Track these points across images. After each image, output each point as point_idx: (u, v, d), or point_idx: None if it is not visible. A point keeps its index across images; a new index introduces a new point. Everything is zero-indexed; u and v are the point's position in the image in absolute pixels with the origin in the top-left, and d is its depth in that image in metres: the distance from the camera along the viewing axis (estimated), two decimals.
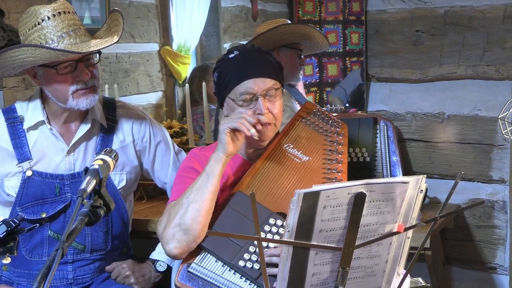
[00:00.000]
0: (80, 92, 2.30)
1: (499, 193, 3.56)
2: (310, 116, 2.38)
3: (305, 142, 2.32)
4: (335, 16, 4.22)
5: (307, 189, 1.55)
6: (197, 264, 2.07)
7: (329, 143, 2.33)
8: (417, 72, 3.73)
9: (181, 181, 2.24)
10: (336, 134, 2.35)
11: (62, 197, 2.38)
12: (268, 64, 2.24)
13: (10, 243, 1.69)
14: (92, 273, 2.46)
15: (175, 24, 4.11)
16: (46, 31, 2.24)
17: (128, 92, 3.64)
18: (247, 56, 2.25)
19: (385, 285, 1.76)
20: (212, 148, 2.32)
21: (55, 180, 2.38)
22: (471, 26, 3.57)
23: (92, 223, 1.71)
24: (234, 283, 2.04)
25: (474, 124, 3.59)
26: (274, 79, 2.21)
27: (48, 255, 2.37)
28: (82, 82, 2.30)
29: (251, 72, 2.19)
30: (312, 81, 4.32)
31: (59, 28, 2.25)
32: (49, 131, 2.39)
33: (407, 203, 1.67)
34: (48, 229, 2.39)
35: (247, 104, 2.18)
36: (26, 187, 2.35)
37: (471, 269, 3.67)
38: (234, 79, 2.20)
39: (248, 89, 2.18)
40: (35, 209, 2.36)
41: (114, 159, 1.81)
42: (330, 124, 2.37)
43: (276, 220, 2.10)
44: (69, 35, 2.26)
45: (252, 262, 2.04)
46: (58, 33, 2.24)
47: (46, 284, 1.41)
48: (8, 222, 1.68)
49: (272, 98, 2.20)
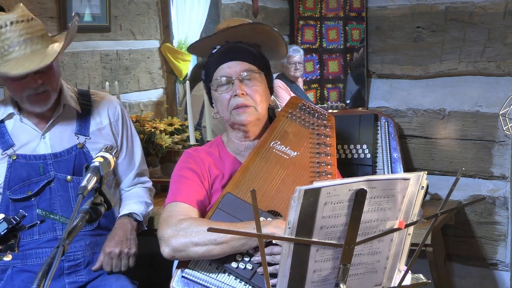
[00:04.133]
0: (33, 97, 2.42)
1: (500, 189, 3.56)
2: (296, 110, 2.36)
3: (292, 137, 2.30)
4: (336, 12, 4.22)
5: (307, 185, 1.55)
6: (191, 269, 2.07)
7: (316, 136, 2.31)
8: (418, 68, 3.73)
9: (178, 180, 2.25)
10: (323, 127, 2.32)
11: (46, 175, 2.48)
12: (246, 51, 2.28)
13: (11, 241, 1.70)
14: (83, 250, 2.52)
15: (176, 21, 4.11)
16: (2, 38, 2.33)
17: (129, 89, 3.64)
18: (227, 47, 2.31)
19: (386, 281, 1.76)
20: (205, 149, 2.32)
21: (38, 161, 2.48)
22: (472, 22, 3.57)
23: (93, 220, 1.72)
24: (228, 284, 2.04)
25: (475, 120, 3.59)
26: (250, 63, 2.24)
27: (38, 234, 2.46)
28: (32, 88, 2.39)
29: (227, 57, 2.26)
30: (313, 78, 4.32)
31: (15, 35, 2.32)
32: (19, 121, 2.51)
33: (408, 200, 1.67)
34: (37, 208, 2.47)
35: (225, 88, 2.23)
36: (12, 170, 2.45)
37: (472, 266, 3.67)
38: (213, 67, 2.27)
39: (224, 73, 2.24)
40: (22, 190, 2.46)
41: (114, 156, 1.81)
42: (316, 117, 2.34)
43: (266, 219, 2.09)
44: (20, 46, 2.33)
45: (245, 263, 2.04)
46: (11, 42, 2.32)
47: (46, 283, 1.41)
48: (9, 219, 1.68)
49: (249, 82, 2.23)
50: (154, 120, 3.35)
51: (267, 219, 2.09)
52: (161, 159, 3.29)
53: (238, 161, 2.29)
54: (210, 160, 2.28)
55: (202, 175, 2.25)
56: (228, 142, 2.35)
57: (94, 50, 3.40)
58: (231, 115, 2.25)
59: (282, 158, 2.26)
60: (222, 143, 2.36)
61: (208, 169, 2.26)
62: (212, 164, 2.27)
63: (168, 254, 2.09)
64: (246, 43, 2.34)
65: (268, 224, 1.99)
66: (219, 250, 2.02)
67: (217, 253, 2.03)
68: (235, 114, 2.23)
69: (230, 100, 2.23)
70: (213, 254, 2.03)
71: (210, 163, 2.27)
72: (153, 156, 3.24)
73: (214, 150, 2.33)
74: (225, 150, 2.33)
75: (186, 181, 2.22)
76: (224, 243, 2.01)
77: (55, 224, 2.48)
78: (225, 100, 2.24)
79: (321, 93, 4.30)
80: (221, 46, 2.32)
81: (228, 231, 1.82)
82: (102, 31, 3.44)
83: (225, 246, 2.01)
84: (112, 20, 3.48)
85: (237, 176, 2.20)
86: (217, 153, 2.32)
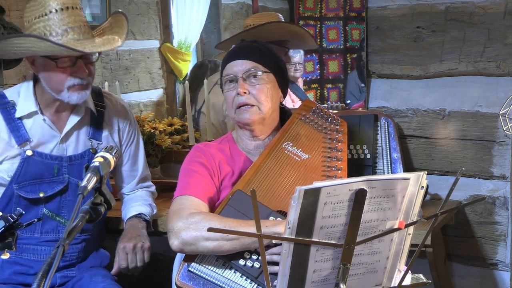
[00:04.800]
0: (75, 87, 2.37)
1: (500, 190, 3.56)
2: (309, 114, 2.38)
3: (305, 140, 2.32)
4: (336, 12, 4.22)
5: (307, 185, 1.55)
6: (198, 263, 2.06)
7: (328, 140, 2.33)
8: (418, 68, 3.73)
9: (188, 174, 2.24)
10: (336, 132, 2.35)
11: (60, 178, 2.46)
12: (255, 50, 2.28)
13: (8, 239, 1.70)
14: (78, 252, 2.54)
15: (176, 21, 4.11)
16: (51, 22, 2.29)
17: (129, 89, 3.64)
18: (239, 46, 2.33)
19: (386, 281, 1.76)
20: (215, 145, 2.32)
21: (54, 161, 2.45)
22: (472, 22, 3.57)
23: (93, 220, 1.72)
24: (234, 281, 2.04)
25: (475, 120, 3.59)
26: (256, 62, 2.24)
27: (40, 232, 2.46)
28: (79, 78, 2.36)
29: (235, 56, 2.27)
30: (313, 78, 4.31)
31: (65, 22, 2.29)
32: (43, 121, 2.45)
33: (408, 200, 1.67)
34: (44, 207, 2.46)
35: (230, 86, 2.24)
36: (26, 165, 2.41)
37: (472, 266, 3.67)
38: (222, 66, 2.30)
39: (229, 71, 2.25)
40: (33, 188, 2.43)
41: (114, 156, 1.81)
42: (329, 122, 2.37)
43: (276, 219, 2.09)
44: (74, 31, 2.30)
45: (253, 260, 2.04)
46: (63, 27, 2.29)
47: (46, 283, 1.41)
48: (6, 217, 1.68)
49: (253, 80, 2.23)
50: (154, 121, 3.34)
51: (277, 219, 2.09)
52: (161, 159, 3.29)
53: (249, 160, 2.29)
54: (221, 156, 2.28)
55: (213, 170, 2.24)
56: (238, 140, 2.35)
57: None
58: (235, 113, 2.25)
59: (294, 159, 2.27)
60: (232, 140, 2.35)
61: (218, 165, 2.26)
62: (223, 160, 2.27)
63: (177, 247, 2.08)
64: (261, 42, 2.34)
65: (280, 224, 1.99)
66: (229, 246, 2.02)
67: (227, 249, 2.02)
68: (238, 113, 2.24)
69: (234, 98, 2.24)
70: (223, 249, 2.02)
71: (221, 159, 2.27)
72: (153, 156, 3.24)
73: (225, 146, 2.33)
74: (236, 147, 2.33)
75: (196, 175, 2.21)
76: (235, 240, 2.01)
77: (60, 226, 2.48)
78: (230, 98, 2.25)
79: (321, 93, 4.29)
80: (236, 45, 2.34)
81: (228, 231, 1.82)
82: None
83: (236, 243, 2.01)
84: None
85: (248, 174, 2.20)
86: (228, 150, 2.31)
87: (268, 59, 2.29)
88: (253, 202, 1.52)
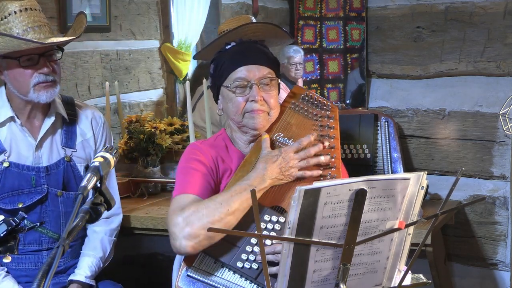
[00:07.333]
0: (41, 85, 2.37)
1: (500, 189, 3.56)
2: (299, 101, 2.31)
3: (295, 129, 2.26)
4: (336, 12, 4.22)
5: (307, 185, 1.55)
6: (196, 267, 2.05)
7: (319, 128, 2.27)
8: (418, 68, 3.73)
9: (186, 172, 2.21)
10: (327, 118, 2.27)
11: (39, 189, 2.44)
12: (264, 54, 2.25)
13: (10, 242, 1.69)
14: (65, 258, 2.52)
15: (176, 21, 4.11)
16: (11, 25, 2.31)
17: (129, 89, 3.64)
18: (243, 46, 2.27)
19: (386, 281, 1.76)
20: (211, 142, 2.30)
21: (31, 172, 2.44)
22: (472, 22, 3.57)
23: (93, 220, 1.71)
24: (234, 283, 2.03)
25: (475, 120, 3.59)
26: (269, 68, 2.22)
27: (23, 244, 2.43)
28: (43, 74, 2.36)
29: (246, 59, 2.21)
30: (313, 78, 4.32)
31: (25, 23, 2.32)
32: (19, 126, 2.45)
33: (408, 200, 1.67)
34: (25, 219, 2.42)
35: (241, 91, 2.19)
36: (4, 177, 2.41)
37: (472, 266, 3.67)
38: (230, 67, 2.21)
39: (243, 75, 2.19)
40: (11, 199, 2.42)
41: (114, 156, 1.81)
42: (320, 108, 2.29)
43: (271, 216, 2.08)
44: (34, 30, 2.33)
45: (250, 262, 2.03)
46: (23, 27, 2.32)
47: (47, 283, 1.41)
48: (8, 221, 1.68)
49: (267, 87, 2.20)
50: (154, 120, 3.34)
51: (271, 216, 2.08)
52: (161, 159, 3.28)
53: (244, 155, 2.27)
54: (217, 154, 2.25)
55: (210, 166, 2.21)
56: (235, 140, 2.31)
57: (94, 50, 3.40)
58: (243, 118, 2.21)
59: None
60: (228, 138, 2.32)
61: (215, 162, 2.23)
62: (220, 157, 2.25)
63: (187, 246, 2.02)
64: (258, 42, 2.32)
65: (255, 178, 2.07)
66: (235, 219, 2.03)
67: (234, 222, 2.03)
68: (249, 117, 2.19)
69: (246, 104, 2.20)
70: (231, 224, 2.03)
71: (218, 156, 2.24)
72: (153, 156, 3.23)
73: (220, 143, 2.30)
74: (231, 145, 2.30)
75: (194, 172, 2.19)
76: (236, 210, 2.02)
77: (42, 237, 2.46)
78: (239, 103, 2.19)
79: (321, 93, 4.29)
80: (235, 43, 2.29)
81: (228, 231, 1.82)
82: (102, 31, 3.44)
83: (238, 212, 2.03)
84: (112, 20, 3.48)
85: (240, 170, 2.16)
86: (224, 147, 2.29)
87: (276, 65, 2.27)
88: (253, 202, 1.52)
